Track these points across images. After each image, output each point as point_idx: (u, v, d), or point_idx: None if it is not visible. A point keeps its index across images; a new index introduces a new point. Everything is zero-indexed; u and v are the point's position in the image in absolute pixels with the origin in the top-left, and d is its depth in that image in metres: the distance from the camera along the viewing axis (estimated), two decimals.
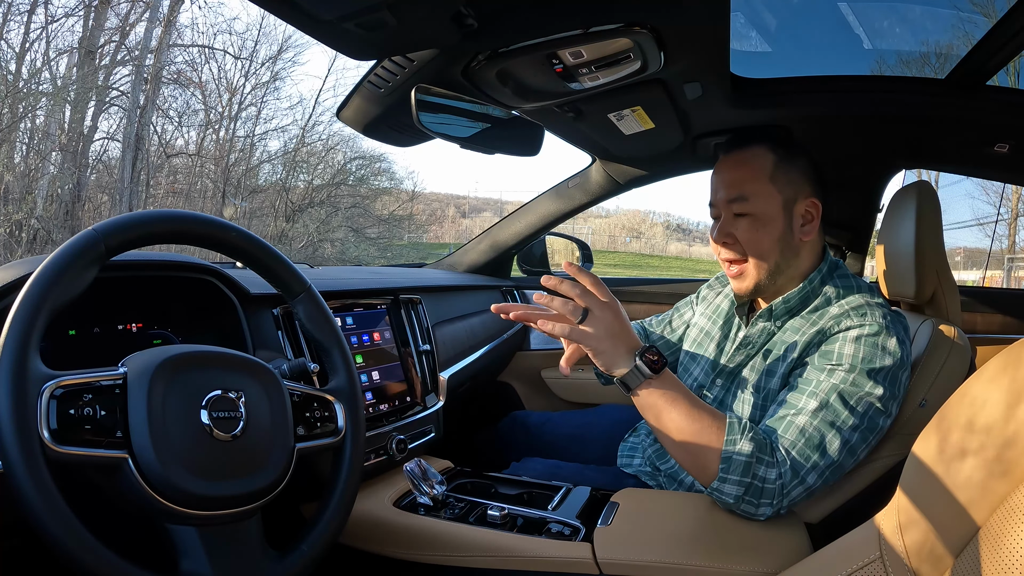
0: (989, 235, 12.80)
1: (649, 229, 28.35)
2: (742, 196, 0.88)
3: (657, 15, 0.71)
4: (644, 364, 0.75)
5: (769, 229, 0.88)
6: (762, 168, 0.88)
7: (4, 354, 0.49)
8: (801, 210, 0.89)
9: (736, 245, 0.90)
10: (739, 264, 0.91)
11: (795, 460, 0.75)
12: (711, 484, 0.76)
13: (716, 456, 0.74)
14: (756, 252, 0.89)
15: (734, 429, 0.75)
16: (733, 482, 0.74)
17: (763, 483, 0.74)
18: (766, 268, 0.89)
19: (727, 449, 0.74)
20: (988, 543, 0.47)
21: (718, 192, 0.92)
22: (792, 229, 0.89)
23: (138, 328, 0.82)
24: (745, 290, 0.92)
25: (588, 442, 1.24)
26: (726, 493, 0.75)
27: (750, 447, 0.74)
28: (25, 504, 0.47)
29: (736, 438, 0.74)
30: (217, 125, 11.07)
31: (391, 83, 0.86)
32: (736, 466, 0.74)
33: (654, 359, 0.75)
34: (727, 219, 0.91)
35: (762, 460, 0.74)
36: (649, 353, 0.76)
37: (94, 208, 9.62)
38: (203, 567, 0.55)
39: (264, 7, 0.61)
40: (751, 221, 0.88)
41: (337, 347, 0.75)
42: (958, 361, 0.87)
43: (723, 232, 0.91)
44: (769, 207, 0.88)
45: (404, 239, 13.98)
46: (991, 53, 0.89)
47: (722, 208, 0.91)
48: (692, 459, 0.77)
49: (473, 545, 0.79)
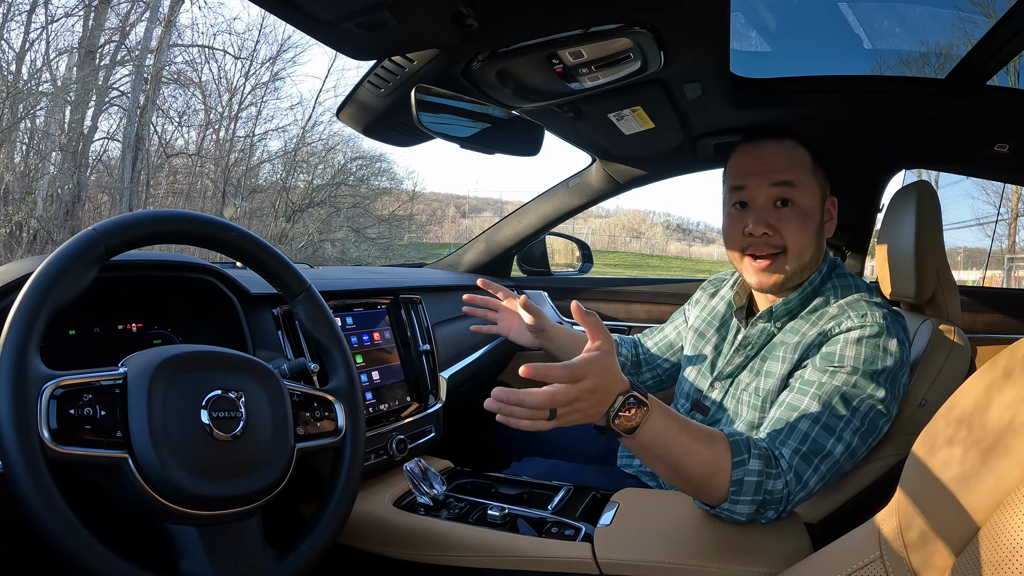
0: (989, 235, 12.83)
1: (649, 229, 28.38)
2: (790, 182, 0.85)
3: (657, 15, 0.71)
4: (616, 428, 0.64)
5: (810, 222, 0.85)
6: (804, 160, 0.87)
7: (4, 354, 0.49)
8: (828, 206, 0.90)
9: (776, 236, 0.85)
10: (771, 258, 0.86)
11: (799, 465, 0.74)
12: (721, 506, 0.72)
13: (724, 481, 0.70)
14: (797, 244, 0.85)
15: (740, 450, 0.71)
16: (745, 502, 0.71)
17: (771, 495, 0.72)
18: (801, 262, 0.86)
19: (736, 473, 0.70)
20: (988, 543, 0.47)
21: (756, 176, 0.86)
22: (823, 225, 0.88)
23: (138, 328, 0.82)
24: (772, 284, 0.87)
25: (588, 442, 1.24)
26: (738, 512, 0.72)
27: (758, 465, 0.71)
28: (25, 504, 0.47)
29: (744, 458, 0.71)
30: (217, 125, 11.07)
31: (391, 83, 0.86)
32: (747, 488, 0.70)
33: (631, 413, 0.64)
34: (765, 207, 0.86)
35: (770, 475, 0.72)
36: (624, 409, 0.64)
37: (94, 208, 9.62)
38: (203, 567, 0.55)
39: (264, 7, 0.61)
40: (794, 212, 0.85)
41: (337, 347, 0.75)
42: (958, 361, 0.87)
43: (762, 221, 0.85)
44: (813, 200, 0.86)
45: (404, 239, 13.98)
46: (991, 53, 0.89)
47: (760, 194, 0.86)
48: (698, 491, 0.73)
49: (473, 545, 0.79)
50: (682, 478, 0.70)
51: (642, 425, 0.65)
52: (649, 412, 0.65)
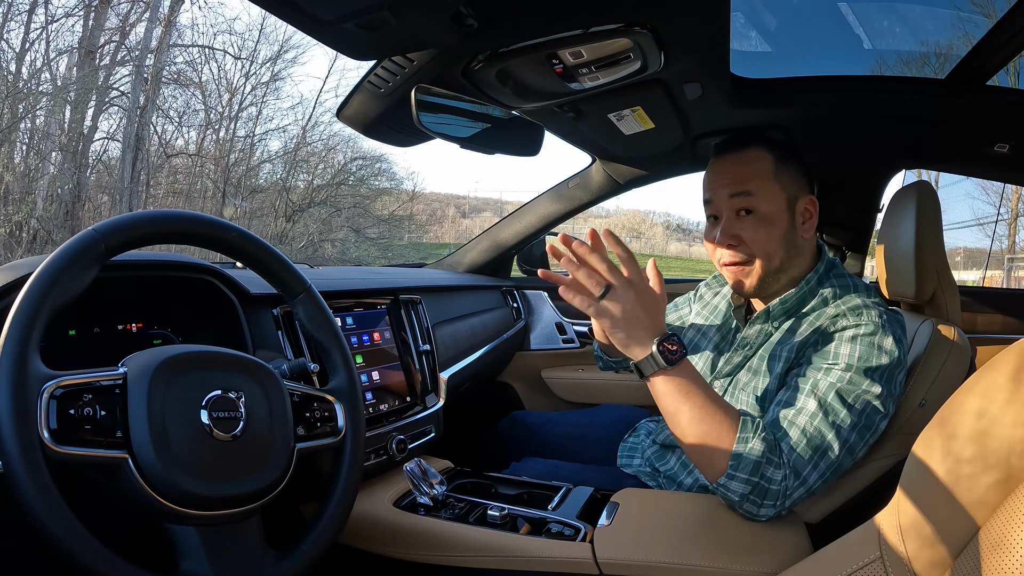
0: (989, 235, 12.81)
1: (649, 229, 28.36)
2: (747, 191, 0.87)
3: (657, 15, 0.71)
4: (660, 353, 0.73)
5: (775, 227, 0.87)
6: (764, 168, 0.88)
7: (4, 354, 0.49)
8: (802, 208, 0.89)
9: (741, 246, 0.88)
10: (742, 266, 0.89)
11: (797, 460, 0.74)
12: (718, 480, 0.75)
13: (726, 452, 0.73)
14: (763, 251, 0.87)
15: (747, 427, 0.74)
16: (741, 480, 0.73)
17: (769, 484, 0.73)
18: (771, 267, 0.88)
19: (738, 447, 0.73)
20: (988, 544, 0.47)
21: (717, 190, 0.90)
22: (795, 227, 0.88)
23: (138, 328, 0.82)
24: (748, 290, 0.90)
25: (588, 442, 1.24)
26: (732, 490, 0.74)
27: (761, 447, 0.73)
28: (25, 504, 0.47)
29: (748, 436, 0.73)
30: (217, 125, 11.07)
31: (391, 83, 0.86)
32: (746, 464, 0.73)
33: (672, 348, 0.73)
34: (730, 219, 0.89)
35: (771, 461, 0.74)
36: (668, 342, 0.73)
37: (94, 208, 9.62)
38: (203, 567, 0.55)
39: (264, 7, 0.61)
40: (756, 220, 0.87)
41: (337, 347, 0.75)
42: (958, 361, 0.87)
43: (727, 233, 0.88)
44: (774, 206, 0.87)
45: (404, 239, 13.99)
46: (991, 53, 0.89)
47: (723, 206, 0.89)
48: (701, 453, 0.75)
49: (473, 545, 0.79)
50: (695, 432, 0.74)
51: (681, 361, 0.74)
52: (687, 354, 0.75)
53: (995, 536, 0.47)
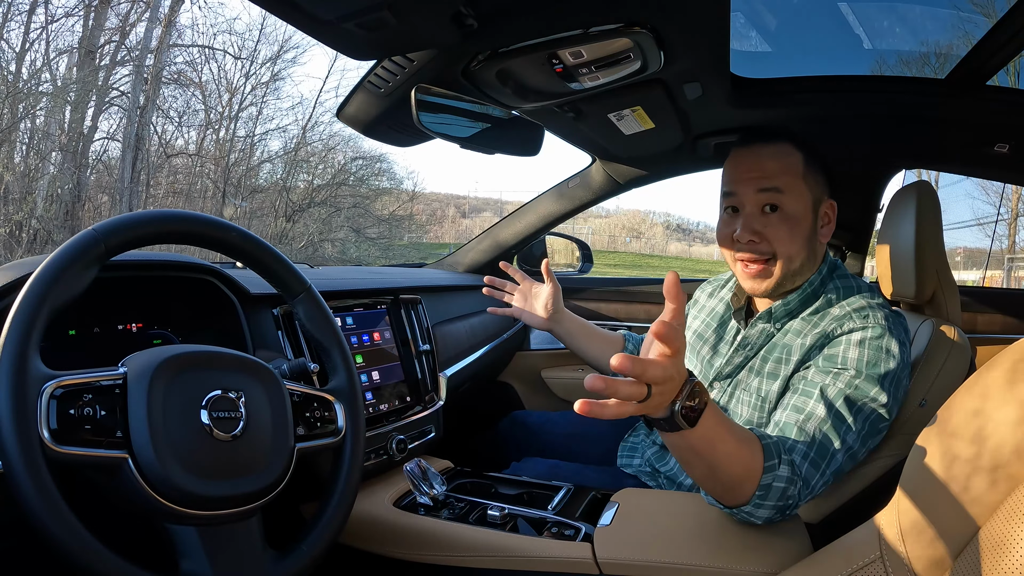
0: (989, 235, 12.82)
1: (649, 229, 28.37)
2: (776, 187, 0.84)
3: (657, 15, 0.71)
4: (682, 417, 0.58)
5: (800, 228, 0.85)
6: (794, 165, 0.85)
7: (4, 354, 0.49)
8: (823, 211, 0.88)
9: (763, 243, 0.85)
10: (761, 263, 0.86)
11: (808, 471, 0.73)
12: (742, 508, 0.70)
13: (752, 486, 0.68)
14: (786, 251, 0.84)
15: (772, 454, 0.69)
16: (768, 507, 0.69)
17: (789, 500, 0.71)
18: (791, 269, 0.85)
19: (766, 478, 0.68)
20: (988, 544, 0.47)
21: (744, 183, 0.86)
22: (816, 230, 0.87)
23: (138, 328, 0.82)
24: (763, 291, 0.88)
25: (588, 442, 1.24)
26: (757, 516, 0.71)
27: (787, 472, 0.69)
28: (25, 504, 0.47)
29: (775, 463, 0.69)
30: (217, 125, 11.08)
31: (391, 83, 0.86)
32: (774, 493, 0.69)
33: (692, 404, 0.59)
34: (753, 214, 0.85)
35: (793, 481, 0.70)
36: (690, 400, 0.58)
37: (94, 208, 9.62)
38: (203, 567, 0.55)
39: (264, 7, 0.61)
40: (781, 218, 0.84)
41: (337, 347, 0.75)
42: (958, 361, 0.87)
43: (749, 228, 0.85)
44: (800, 205, 0.85)
45: (404, 239, 13.99)
46: (991, 53, 0.89)
47: (748, 200, 0.86)
48: (725, 492, 0.70)
49: (473, 545, 0.79)
50: (719, 479, 0.67)
51: (702, 417, 0.59)
52: (708, 403, 0.60)
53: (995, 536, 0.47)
